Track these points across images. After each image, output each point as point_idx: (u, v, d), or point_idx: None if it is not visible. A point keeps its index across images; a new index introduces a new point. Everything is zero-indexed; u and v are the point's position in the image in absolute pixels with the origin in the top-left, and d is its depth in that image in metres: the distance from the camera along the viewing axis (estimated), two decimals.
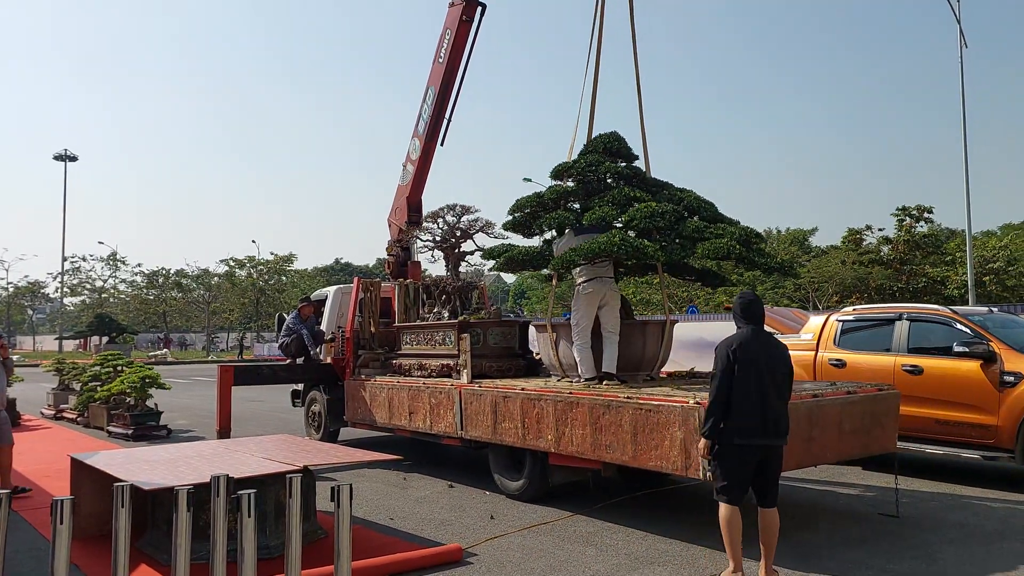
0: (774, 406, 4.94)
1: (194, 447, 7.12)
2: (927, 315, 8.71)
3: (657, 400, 6.03)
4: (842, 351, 9.09)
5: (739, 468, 4.91)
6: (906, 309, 8.95)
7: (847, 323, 9.29)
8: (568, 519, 6.87)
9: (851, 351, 9.02)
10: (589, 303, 7.32)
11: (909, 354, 8.46)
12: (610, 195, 7.24)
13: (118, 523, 3.62)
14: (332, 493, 3.79)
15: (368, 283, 10.96)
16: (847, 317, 9.35)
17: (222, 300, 60.13)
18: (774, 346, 5.12)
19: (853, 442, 6.55)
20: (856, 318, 9.28)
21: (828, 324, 9.41)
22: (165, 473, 5.55)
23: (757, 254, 6.77)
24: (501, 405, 7.52)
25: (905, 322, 8.70)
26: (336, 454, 6.62)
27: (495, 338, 9.03)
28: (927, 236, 36.03)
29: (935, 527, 6.43)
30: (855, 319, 9.27)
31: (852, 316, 9.33)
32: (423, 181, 11.34)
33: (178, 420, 14.94)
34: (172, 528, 5.64)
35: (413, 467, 9.54)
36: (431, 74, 11.10)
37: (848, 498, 7.63)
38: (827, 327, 9.38)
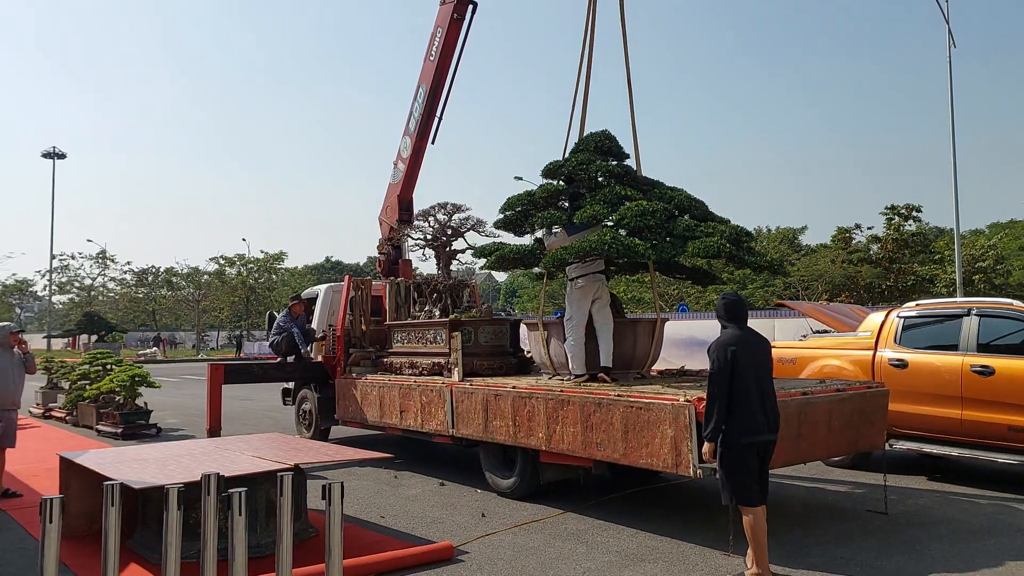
0: (771, 401, 4.99)
1: (184, 446, 7.10)
2: (1000, 310, 8.01)
3: (647, 398, 6.05)
4: (904, 350, 8.41)
5: (747, 467, 4.93)
6: (976, 304, 8.24)
7: (909, 319, 8.62)
8: (559, 517, 6.89)
9: (913, 350, 8.34)
10: (582, 300, 7.35)
11: (979, 353, 7.77)
12: (601, 194, 7.25)
13: (108, 522, 3.61)
14: (323, 491, 3.79)
15: (359, 281, 10.94)
16: (909, 313, 8.70)
17: (212, 298, 59.93)
18: (762, 342, 5.17)
19: (842, 439, 6.59)
20: (919, 314, 8.63)
21: (888, 320, 8.76)
22: (155, 472, 5.54)
23: (747, 252, 6.80)
24: (492, 403, 7.53)
25: (974, 318, 7.99)
26: (327, 452, 6.62)
27: (486, 336, 9.04)
28: (915, 235, 36.21)
29: (923, 524, 6.47)
30: (918, 315, 8.62)
31: (915, 312, 8.68)
32: (414, 179, 11.34)
33: (168, 419, 14.88)
34: (162, 527, 5.69)
35: (404, 465, 9.54)
36: (422, 72, 11.09)
37: (836, 495, 7.67)
38: (887, 324, 8.73)
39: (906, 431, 8.19)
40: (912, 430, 8.15)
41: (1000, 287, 31.82)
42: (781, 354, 9.44)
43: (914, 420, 8.09)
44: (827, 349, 9.22)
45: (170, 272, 61.88)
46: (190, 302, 60.96)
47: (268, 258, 60.47)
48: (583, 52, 8.33)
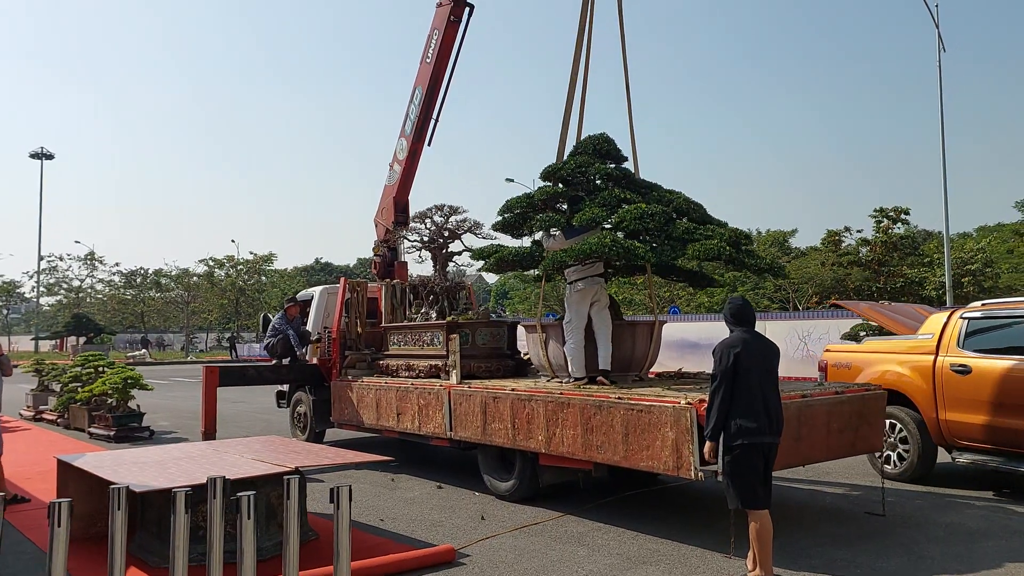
0: (775, 404, 5.02)
1: (182, 448, 7.06)
2: None
3: (648, 400, 6.06)
4: (967, 355, 7.75)
5: (753, 468, 4.94)
6: None
7: (974, 321, 7.95)
8: (558, 519, 6.89)
9: (978, 355, 7.67)
10: (581, 302, 7.36)
11: None
12: (600, 196, 7.27)
13: (114, 525, 3.59)
14: (331, 495, 3.78)
15: (355, 283, 10.92)
16: (974, 314, 8.01)
17: (201, 300, 59.59)
18: (768, 346, 5.19)
19: (841, 441, 6.62)
20: (985, 315, 7.92)
21: (952, 322, 8.07)
22: (155, 475, 5.51)
23: (746, 255, 6.83)
24: (491, 406, 7.53)
25: None
26: (326, 455, 6.60)
27: (483, 338, 9.03)
28: (904, 237, 36.40)
29: (921, 526, 6.51)
30: (983, 316, 7.92)
31: (980, 312, 7.98)
32: (410, 181, 11.32)
33: (160, 421, 14.80)
34: (162, 530, 5.65)
35: (401, 468, 9.52)
36: (418, 74, 11.08)
37: (835, 497, 7.71)
38: (950, 326, 8.04)
39: (970, 443, 7.67)
40: (976, 442, 7.61)
41: (989, 290, 32.04)
42: (836, 358, 9.18)
43: (978, 431, 7.54)
44: (885, 353, 8.64)
45: (159, 273, 61.47)
46: (179, 304, 60.61)
47: (258, 259, 60.13)
48: (579, 54, 8.34)
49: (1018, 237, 38.09)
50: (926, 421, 8.00)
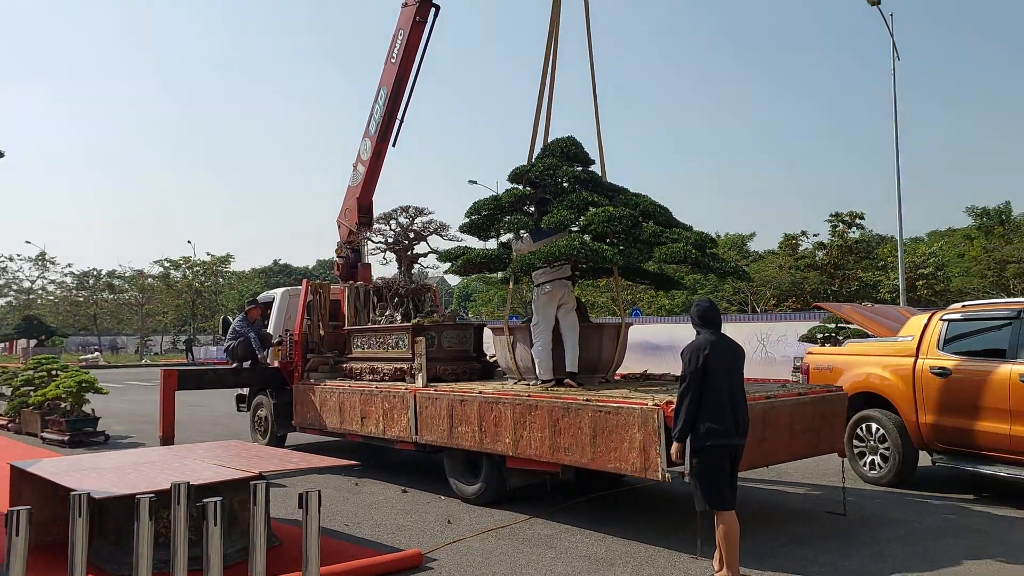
0: (742, 406, 5.07)
1: (141, 454, 6.90)
2: None
3: (616, 402, 6.08)
4: (947, 357, 7.63)
5: (720, 470, 4.98)
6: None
7: (954, 323, 7.82)
8: (526, 522, 6.88)
9: (957, 357, 7.56)
10: (548, 305, 7.37)
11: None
12: (568, 199, 7.28)
13: (75, 533, 3.49)
14: (300, 500, 3.72)
15: (317, 285, 10.80)
16: (954, 316, 7.89)
17: (156, 302, 58.50)
18: (734, 348, 5.24)
19: (804, 442, 6.71)
20: (965, 316, 7.83)
21: (932, 324, 7.96)
22: (115, 481, 5.37)
23: (712, 259, 6.90)
24: (458, 409, 7.49)
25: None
26: (290, 460, 6.49)
27: (449, 341, 8.99)
28: (859, 242, 37.21)
29: (881, 525, 6.63)
30: (963, 317, 7.82)
31: (960, 314, 7.88)
32: (374, 182, 11.24)
33: (115, 426, 14.45)
34: (121, 538, 5.51)
35: (364, 472, 9.41)
36: (383, 74, 11.01)
37: (796, 497, 7.82)
38: (930, 328, 7.94)
39: (949, 447, 7.59)
40: (955, 446, 7.52)
41: (940, 293, 32.89)
42: (818, 361, 9.14)
43: (957, 435, 7.45)
44: (865, 355, 8.58)
45: (112, 275, 60.26)
46: (133, 306, 59.42)
47: (215, 261, 59.25)
48: (548, 57, 8.35)
49: (968, 242, 39.18)
50: (906, 424, 7.93)
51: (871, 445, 8.29)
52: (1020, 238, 35.10)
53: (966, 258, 37.09)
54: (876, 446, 8.25)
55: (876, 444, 8.25)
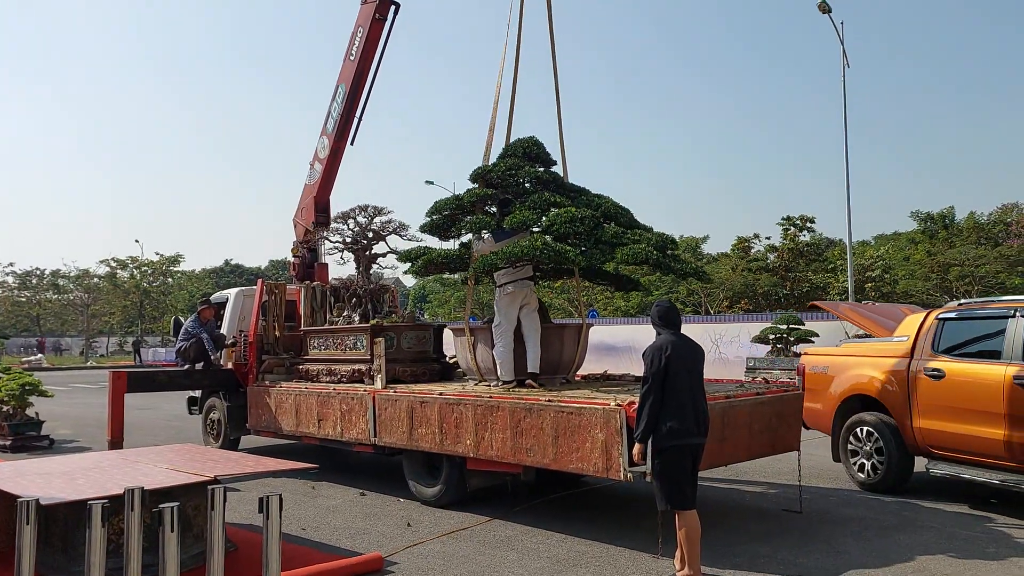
0: (702, 405, 5.10)
1: (89, 458, 6.67)
2: None
3: (578, 403, 6.07)
4: (941, 358, 7.32)
5: (681, 470, 5.00)
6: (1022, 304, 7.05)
7: (949, 322, 7.51)
8: (486, 524, 6.83)
9: (952, 358, 7.25)
10: (510, 306, 7.34)
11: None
12: (530, 199, 7.26)
13: (22, 541, 3.36)
14: (260, 504, 3.62)
15: (272, 285, 10.60)
16: (949, 314, 7.57)
17: (102, 303, 56.99)
18: (695, 348, 5.27)
19: (762, 441, 6.79)
20: (960, 315, 7.49)
21: (927, 324, 7.64)
22: (63, 487, 5.17)
23: (672, 260, 6.94)
24: (418, 410, 7.41)
25: (1020, 319, 6.86)
26: (246, 463, 6.34)
27: (409, 342, 8.89)
28: (809, 244, 38.00)
29: (837, 522, 6.74)
30: (958, 316, 7.49)
31: (955, 313, 7.55)
32: (331, 181, 11.09)
33: (60, 430, 14.00)
34: (68, 545, 5.32)
35: (321, 475, 9.22)
36: (342, 71, 10.87)
37: (752, 495, 7.91)
38: (925, 327, 7.62)
39: (944, 453, 7.30)
40: (950, 451, 7.23)
41: (887, 295, 33.73)
42: (814, 362, 8.92)
43: (952, 440, 7.14)
44: (860, 356, 8.31)
45: (56, 274, 58.55)
46: (78, 306, 57.82)
47: (163, 260, 57.97)
48: (507, 54, 8.32)
49: (913, 245, 40.27)
50: (900, 429, 7.65)
51: (865, 450, 8.02)
52: (963, 242, 36.18)
53: (911, 261, 38.11)
54: (871, 452, 7.97)
55: (871, 450, 7.97)
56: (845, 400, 8.29)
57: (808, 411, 8.55)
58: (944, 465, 7.28)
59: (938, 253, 35.10)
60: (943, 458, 7.34)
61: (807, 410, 8.47)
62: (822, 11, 26.35)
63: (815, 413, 8.58)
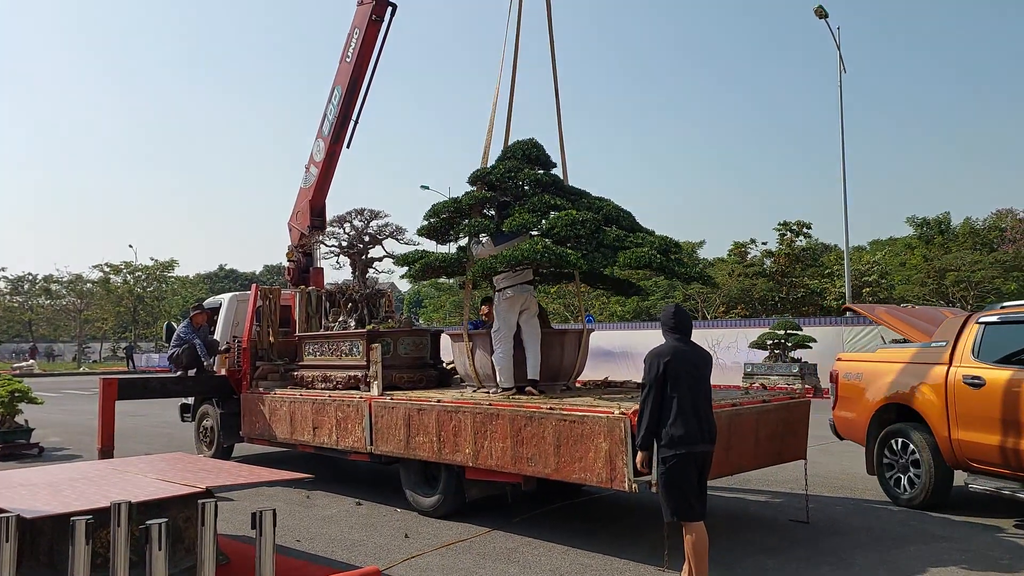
0: (707, 412, 4.94)
1: (77, 468, 6.48)
2: None
3: (581, 411, 5.91)
4: (981, 365, 6.83)
5: (687, 479, 4.82)
6: None
7: (990, 326, 7.02)
8: (486, 535, 6.66)
9: (993, 365, 6.74)
10: (510, 310, 7.18)
11: None
12: (530, 202, 7.10)
13: (2, 558, 3.17)
14: (253, 519, 3.45)
15: (267, 290, 10.43)
16: (990, 319, 7.08)
17: (95, 308, 56.58)
18: (701, 354, 5.11)
19: (769, 450, 6.64)
20: (1002, 319, 6.98)
21: (967, 328, 7.17)
22: (48, 499, 4.99)
23: (676, 263, 6.78)
24: (415, 418, 7.24)
25: None
26: (240, 473, 6.16)
27: (406, 348, 8.73)
28: (805, 250, 37.92)
29: (844, 532, 6.58)
30: (1001, 320, 6.98)
31: (997, 317, 7.05)
32: (327, 184, 10.94)
33: (50, 437, 13.79)
34: (54, 559, 5.13)
35: (316, 484, 9.06)
36: (337, 73, 10.72)
37: (757, 505, 7.75)
38: (965, 332, 7.16)
39: (984, 467, 6.81)
40: (991, 465, 6.74)
41: (884, 300, 33.67)
42: (847, 368, 8.41)
43: (993, 453, 6.64)
44: (896, 363, 7.75)
45: (49, 279, 58.14)
46: (71, 312, 57.40)
47: (157, 266, 57.64)
48: (505, 56, 8.18)
49: (909, 251, 40.24)
50: (938, 441, 7.09)
51: (902, 463, 7.50)
52: (959, 247, 36.15)
53: (907, 266, 38.05)
54: (907, 465, 7.45)
55: (907, 464, 7.45)
56: (880, 409, 7.77)
57: (841, 421, 8.31)
58: (984, 480, 6.82)
59: (934, 258, 35.05)
60: (983, 472, 6.86)
61: (840, 420, 8.25)
62: (819, 16, 26.34)
63: (849, 423, 8.20)
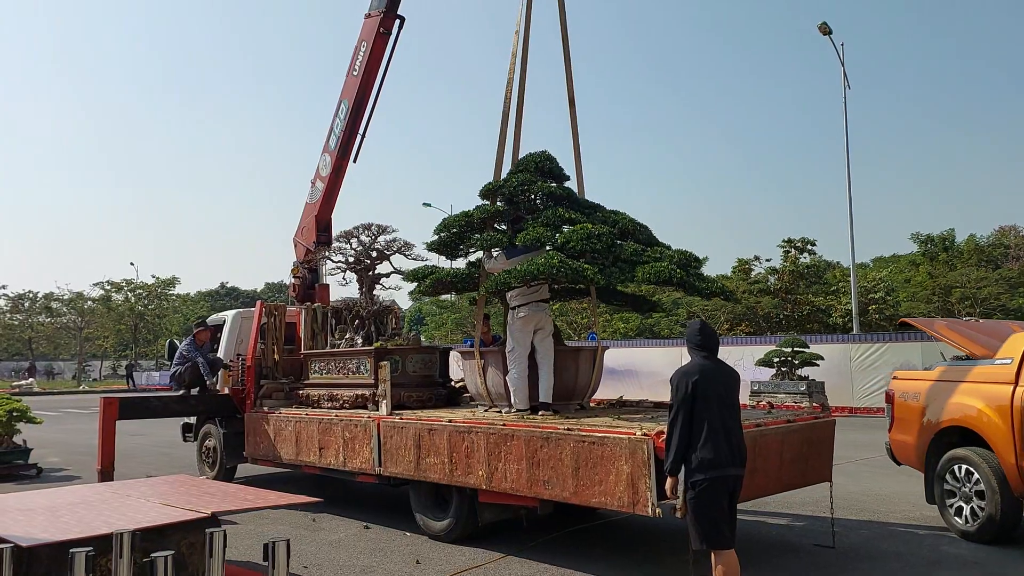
0: (738, 434, 4.71)
1: (76, 492, 6.25)
2: None
3: (601, 432, 5.68)
4: None
5: (718, 504, 4.59)
6: None
7: None
8: (500, 561, 6.41)
9: None
10: (524, 329, 6.96)
11: None
12: (544, 215, 6.91)
13: None
14: (265, 551, 3.23)
15: (272, 307, 10.21)
16: None
17: (96, 326, 56.33)
18: (729, 374, 4.89)
19: (793, 472, 6.40)
20: None
21: None
22: (45, 524, 4.76)
23: (696, 278, 6.57)
24: (426, 439, 7.01)
25: None
26: (246, 497, 5.93)
27: (414, 366, 8.50)
28: (810, 267, 37.67)
29: (873, 557, 6.33)
30: None
31: None
32: (333, 199, 10.77)
33: (49, 458, 13.53)
34: None
35: (321, 506, 8.78)
36: (344, 87, 10.57)
37: (779, 529, 7.49)
38: None
39: None
40: None
41: (891, 317, 33.42)
42: (904, 387, 7.71)
43: None
44: (957, 382, 7.09)
45: (50, 297, 57.93)
46: (72, 330, 57.16)
47: (159, 283, 57.46)
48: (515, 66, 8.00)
49: (914, 268, 40.03)
50: (1004, 468, 6.47)
51: (964, 492, 6.84)
52: (963, 264, 35.94)
53: (912, 283, 37.84)
54: (969, 495, 6.79)
55: (970, 493, 6.79)
56: (940, 432, 7.10)
57: (898, 444, 7.74)
58: None
59: (940, 275, 34.83)
60: None
61: (897, 443, 7.75)
62: (823, 32, 26.29)
63: (905, 447, 7.58)
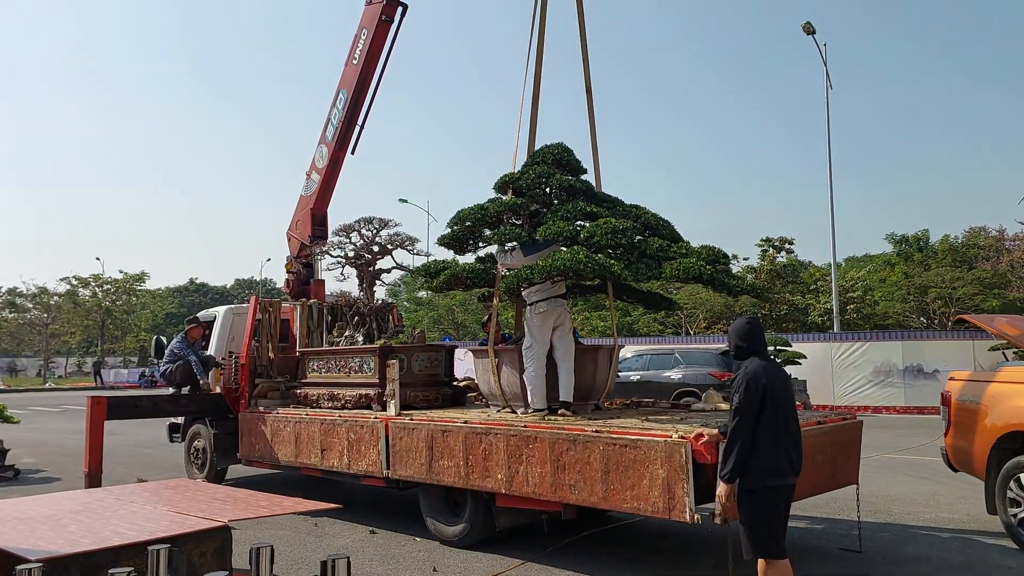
0: (797, 440, 4.48)
1: (76, 498, 5.86)
2: None
3: (634, 434, 5.45)
4: None
5: (777, 514, 4.37)
6: None
7: None
8: (520, 568, 6.16)
9: None
10: (542, 326, 6.71)
11: None
12: (564, 209, 6.67)
13: None
14: (250, 556, 2.97)
15: (267, 303, 9.85)
16: None
17: (62, 322, 55.05)
18: (785, 376, 4.65)
19: (823, 475, 6.21)
20: None
21: None
22: (50, 536, 4.40)
23: (726, 275, 6.36)
24: (439, 440, 6.73)
25: None
26: (258, 503, 5.58)
27: (420, 364, 8.21)
28: (787, 266, 37.88)
29: (901, 562, 6.18)
30: None
31: None
32: (330, 192, 10.42)
33: (24, 458, 13.02)
34: None
35: (323, 511, 8.47)
36: (343, 76, 10.23)
37: (801, 532, 7.32)
38: None
39: None
40: None
41: (868, 316, 33.70)
42: (962, 389, 7.26)
43: None
44: (1022, 384, 6.70)
45: (14, 292, 56.52)
46: (36, 326, 55.79)
47: (127, 279, 56.33)
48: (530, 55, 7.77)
49: (889, 267, 40.42)
50: None
51: None
52: (938, 264, 36.34)
53: (888, 283, 38.19)
54: None
55: None
56: (1002, 438, 6.65)
57: (955, 450, 7.29)
58: None
59: (915, 275, 35.19)
60: None
61: (954, 449, 7.31)
62: (806, 32, 26.35)
63: (964, 453, 7.14)
